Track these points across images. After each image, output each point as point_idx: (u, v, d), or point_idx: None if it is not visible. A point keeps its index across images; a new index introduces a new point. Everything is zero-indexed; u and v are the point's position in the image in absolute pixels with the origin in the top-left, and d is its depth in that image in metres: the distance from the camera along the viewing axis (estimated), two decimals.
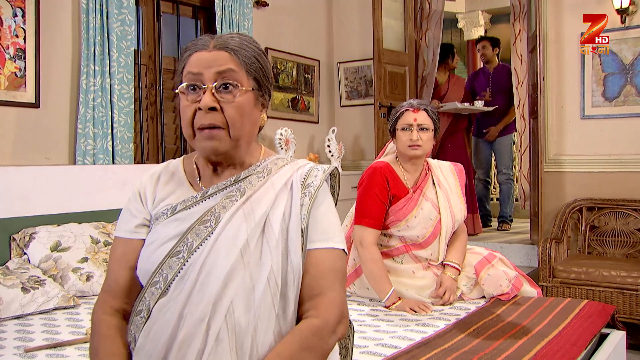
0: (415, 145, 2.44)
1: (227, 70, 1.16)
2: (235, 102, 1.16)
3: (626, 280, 3.41)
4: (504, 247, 4.36)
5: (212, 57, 1.16)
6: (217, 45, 1.17)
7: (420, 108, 2.47)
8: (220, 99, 1.15)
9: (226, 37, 1.20)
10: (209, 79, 1.15)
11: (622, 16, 3.84)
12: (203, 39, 1.20)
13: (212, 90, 1.15)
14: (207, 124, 1.15)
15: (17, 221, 2.67)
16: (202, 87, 1.15)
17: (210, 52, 1.17)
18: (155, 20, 3.79)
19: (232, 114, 1.16)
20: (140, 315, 1.16)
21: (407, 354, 1.75)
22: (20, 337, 1.98)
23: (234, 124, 1.16)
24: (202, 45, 1.18)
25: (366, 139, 5.13)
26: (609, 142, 3.98)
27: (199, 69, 1.16)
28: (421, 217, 2.45)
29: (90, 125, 3.16)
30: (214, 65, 1.15)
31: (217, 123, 1.15)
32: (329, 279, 1.18)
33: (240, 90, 1.16)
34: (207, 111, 1.14)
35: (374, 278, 2.38)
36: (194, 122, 1.16)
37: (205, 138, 1.16)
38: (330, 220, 1.23)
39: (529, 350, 1.77)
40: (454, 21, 7.54)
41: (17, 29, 2.94)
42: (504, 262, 2.51)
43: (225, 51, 1.17)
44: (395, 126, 2.49)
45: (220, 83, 1.15)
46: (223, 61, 1.16)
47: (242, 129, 1.18)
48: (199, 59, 1.17)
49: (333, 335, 1.15)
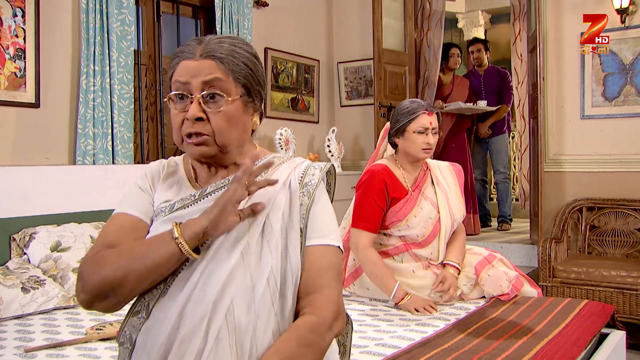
0: (428, 149, 2.44)
1: (213, 80, 1.16)
2: (222, 111, 1.16)
3: (626, 280, 3.41)
4: (504, 247, 4.36)
5: (198, 67, 1.16)
6: (204, 54, 1.17)
7: (434, 111, 2.48)
8: (206, 109, 1.16)
9: (214, 43, 1.18)
10: (196, 88, 1.16)
11: (622, 16, 3.84)
12: (191, 45, 1.19)
13: (199, 100, 1.16)
14: (194, 132, 1.16)
15: (17, 221, 2.67)
16: (189, 96, 1.16)
17: (196, 61, 1.17)
18: (155, 20, 3.79)
19: (218, 123, 1.16)
20: (138, 315, 1.16)
21: (407, 353, 1.75)
22: (21, 337, 1.98)
23: (220, 133, 1.17)
24: (188, 53, 1.18)
25: (366, 139, 5.13)
26: (609, 142, 3.98)
27: (186, 79, 1.16)
28: (421, 216, 2.45)
29: (90, 125, 3.16)
30: (200, 74, 1.16)
31: (203, 132, 1.16)
32: (326, 275, 1.19)
33: (226, 100, 1.17)
34: (193, 121, 1.15)
35: (377, 278, 2.38)
36: (182, 130, 1.18)
37: (193, 144, 1.17)
38: (326, 217, 1.24)
39: (529, 350, 1.78)
40: (454, 21, 7.53)
41: (17, 29, 2.94)
42: (504, 262, 2.51)
43: (212, 60, 1.16)
44: (406, 127, 2.47)
45: (207, 93, 1.16)
46: (209, 70, 1.16)
47: (229, 136, 1.18)
48: (186, 67, 1.17)
49: (330, 331, 1.15)
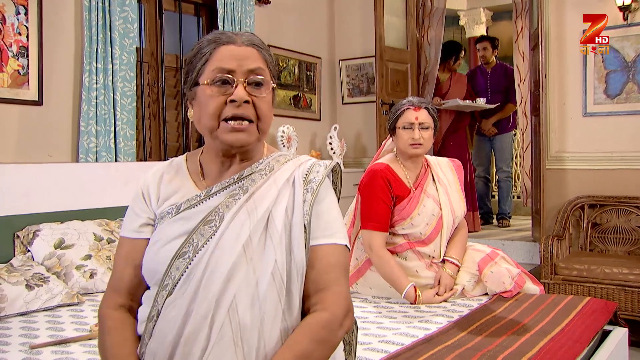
0: (416, 144, 2.44)
1: (258, 69, 1.19)
2: (265, 97, 1.20)
3: (628, 277, 3.42)
4: (505, 244, 4.36)
5: (243, 53, 1.19)
6: (245, 42, 1.20)
7: (421, 106, 2.47)
8: (251, 93, 1.18)
9: (248, 34, 1.23)
10: (241, 73, 1.17)
11: (624, 13, 3.84)
12: (225, 34, 1.21)
13: (245, 84, 1.17)
14: (240, 115, 1.17)
15: (20, 219, 2.68)
16: (233, 81, 1.17)
17: (240, 46, 1.19)
18: (158, 17, 3.79)
19: (264, 108, 1.19)
20: (152, 320, 1.17)
21: (411, 350, 1.75)
22: (25, 334, 1.98)
23: (264, 118, 1.20)
24: (228, 38, 1.20)
25: (368, 137, 5.13)
26: (611, 140, 3.98)
27: (231, 63, 1.17)
28: (424, 214, 2.46)
29: (93, 122, 3.16)
30: (246, 61, 1.18)
31: (250, 116, 1.18)
32: (334, 273, 1.19)
33: (271, 85, 1.21)
34: (241, 104, 1.16)
35: (390, 280, 2.39)
36: (221, 114, 1.17)
37: (234, 130, 1.17)
38: (333, 216, 1.24)
39: (532, 347, 1.78)
40: (456, 18, 7.52)
41: (19, 26, 2.94)
42: (506, 260, 2.52)
43: (254, 48, 1.20)
44: (395, 124, 2.49)
45: (253, 79, 1.18)
46: (254, 58, 1.19)
47: (269, 124, 1.22)
48: (230, 52, 1.18)
49: (341, 328, 1.16)
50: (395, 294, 2.41)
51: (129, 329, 1.21)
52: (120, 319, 1.21)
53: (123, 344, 1.18)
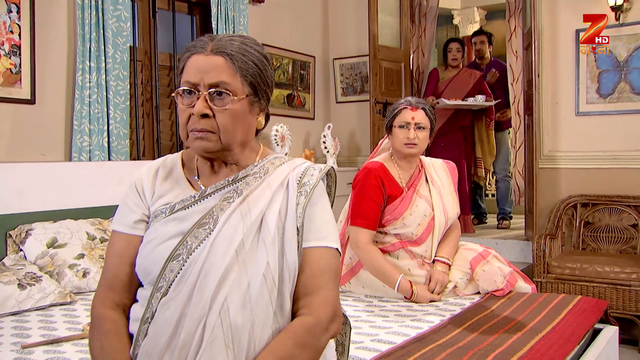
0: (411, 144, 2.45)
1: (220, 82, 1.17)
2: (228, 109, 1.17)
3: (619, 275, 3.44)
4: (498, 243, 4.37)
5: (208, 63, 1.17)
6: (215, 49, 1.18)
7: (419, 107, 2.48)
8: (212, 106, 1.17)
9: (226, 40, 1.20)
10: (204, 86, 1.17)
11: (616, 13, 3.85)
12: (203, 40, 1.21)
13: (206, 96, 1.17)
14: (200, 129, 1.17)
15: (12, 218, 2.67)
16: (197, 92, 1.17)
17: (207, 56, 1.18)
18: (151, 16, 3.78)
19: (223, 121, 1.17)
20: (147, 322, 1.17)
21: (403, 349, 1.76)
22: (17, 334, 1.98)
23: (225, 131, 1.18)
24: (200, 48, 1.19)
25: (362, 136, 5.14)
26: (603, 139, 4.00)
27: (195, 74, 1.17)
28: (416, 214, 2.46)
29: (86, 121, 3.15)
30: (209, 73, 1.17)
31: (208, 128, 1.17)
32: (323, 277, 1.20)
33: (233, 99, 1.17)
34: (199, 117, 1.16)
35: (380, 273, 2.39)
36: (188, 125, 1.19)
37: (197, 138, 1.18)
38: (325, 219, 1.24)
39: (523, 346, 1.79)
40: (450, 17, 7.54)
41: (12, 25, 2.93)
42: (499, 258, 2.53)
43: (222, 56, 1.18)
44: (392, 123, 2.50)
45: (215, 90, 1.17)
46: (218, 69, 1.17)
47: (233, 135, 1.20)
48: (197, 64, 1.18)
49: (326, 333, 1.17)
50: (388, 293, 2.42)
51: (126, 333, 1.21)
52: (117, 321, 1.21)
53: (123, 351, 1.17)
